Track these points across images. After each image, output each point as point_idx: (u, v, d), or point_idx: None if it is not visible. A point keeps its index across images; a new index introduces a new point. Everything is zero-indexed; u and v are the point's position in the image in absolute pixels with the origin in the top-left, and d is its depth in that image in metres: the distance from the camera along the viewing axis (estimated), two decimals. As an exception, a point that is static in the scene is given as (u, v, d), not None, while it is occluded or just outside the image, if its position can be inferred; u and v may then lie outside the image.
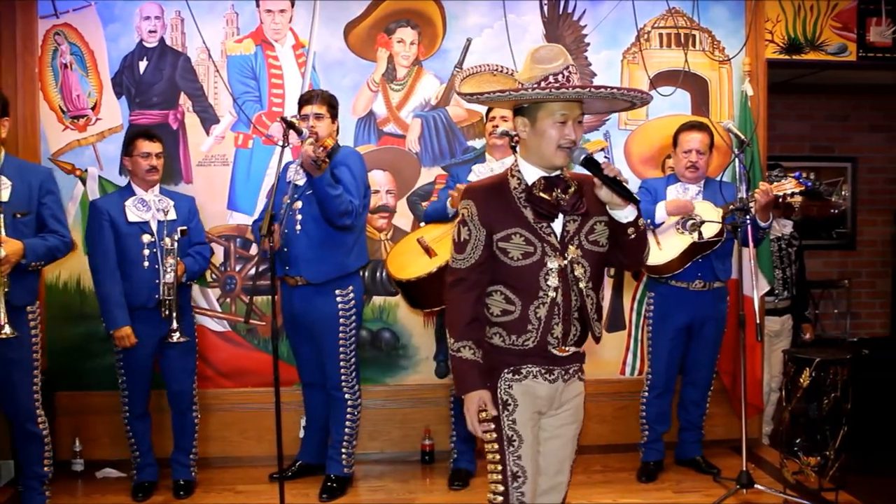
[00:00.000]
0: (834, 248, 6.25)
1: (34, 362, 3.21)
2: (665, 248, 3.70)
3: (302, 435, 3.97)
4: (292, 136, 3.28)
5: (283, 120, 3.27)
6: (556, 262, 2.13)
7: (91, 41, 4.09)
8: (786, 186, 3.54)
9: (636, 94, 2.15)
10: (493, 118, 3.63)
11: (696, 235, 3.61)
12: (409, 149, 4.27)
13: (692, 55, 4.36)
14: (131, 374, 3.54)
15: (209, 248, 3.79)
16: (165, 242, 3.49)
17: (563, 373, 2.21)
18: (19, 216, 3.10)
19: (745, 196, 3.50)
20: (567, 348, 2.18)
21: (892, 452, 4.65)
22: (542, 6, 4.29)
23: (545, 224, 2.15)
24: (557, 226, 2.16)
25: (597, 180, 2.09)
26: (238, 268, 4.21)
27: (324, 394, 3.70)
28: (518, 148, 2.27)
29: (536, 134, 2.14)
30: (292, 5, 4.19)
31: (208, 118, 4.18)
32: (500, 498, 2.19)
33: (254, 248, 4.18)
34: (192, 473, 3.72)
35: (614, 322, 4.33)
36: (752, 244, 3.46)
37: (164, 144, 3.66)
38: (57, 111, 4.10)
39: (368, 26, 4.23)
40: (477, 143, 4.27)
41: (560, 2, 4.30)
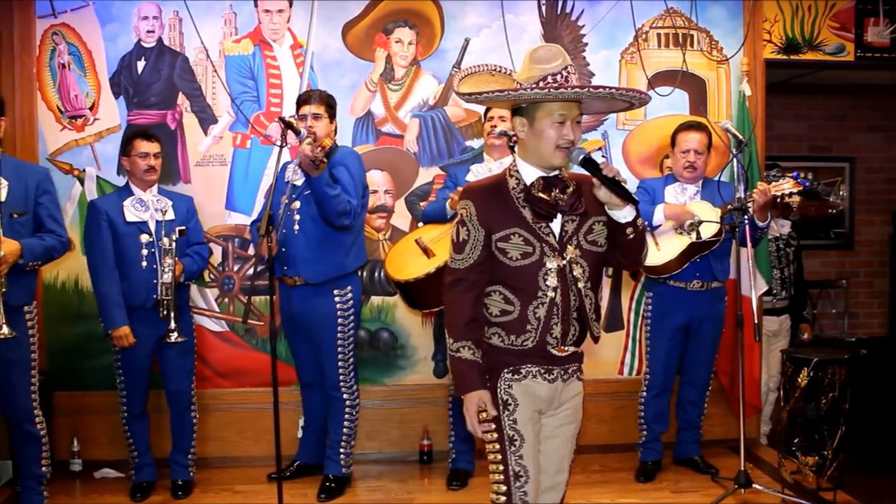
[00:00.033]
0: (832, 248, 6.25)
1: (32, 362, 3.21)
2: (663, 248, 3.70)
3: (300, 435, 3.96)
4: (290, 136, 3.28)
5: (282, 120, 3.26)
6: (554, 262, 2.13)
7: (89, 41, 4.09)
8: (784, 186, 3.54)
9: (635, 95, 2.15)
10: (492, 118, 3.63)
11: (694, 236, 3.61)
12: (407, 149, 4.27)
13: (690, 55, 4.36)
14: (129, 374, 3.54)
15: (207, 248, 3.79)
16: (164, 242, 3.48)
17: (562, 373, 2.21)
18: (16, 216, 3.10)
19: (743, 196, 3.50)
20: (566, 348, 2.18)
21: (890, 452, 4.64)
22: (540, 6, 4.29)
23: (544, 224, 2.15)
24: (556, 226, 2.16)
25: (595, 180, 2.09)
26: (236, 268, 4.21)
27: (322, 394, 3.70)
28: (516, 148, 2.26)
29: (535, 134, 2.14)
30: (290, 5, 4.19)
31: (206, 118, 4.17)
32: (503, 498, 2.19)
33: (252, 249, 4.18)
34: (191, 473, 3.72)
35: (612, 322, 4.32)
36: (750, 244, 3.47)
37: (162, 144, 3.65)
38: (55, 111, 4.09)
39: (366, 26, 4.23)
40: (475, 144, 4.26)
41: (558, 2, 4.30)
